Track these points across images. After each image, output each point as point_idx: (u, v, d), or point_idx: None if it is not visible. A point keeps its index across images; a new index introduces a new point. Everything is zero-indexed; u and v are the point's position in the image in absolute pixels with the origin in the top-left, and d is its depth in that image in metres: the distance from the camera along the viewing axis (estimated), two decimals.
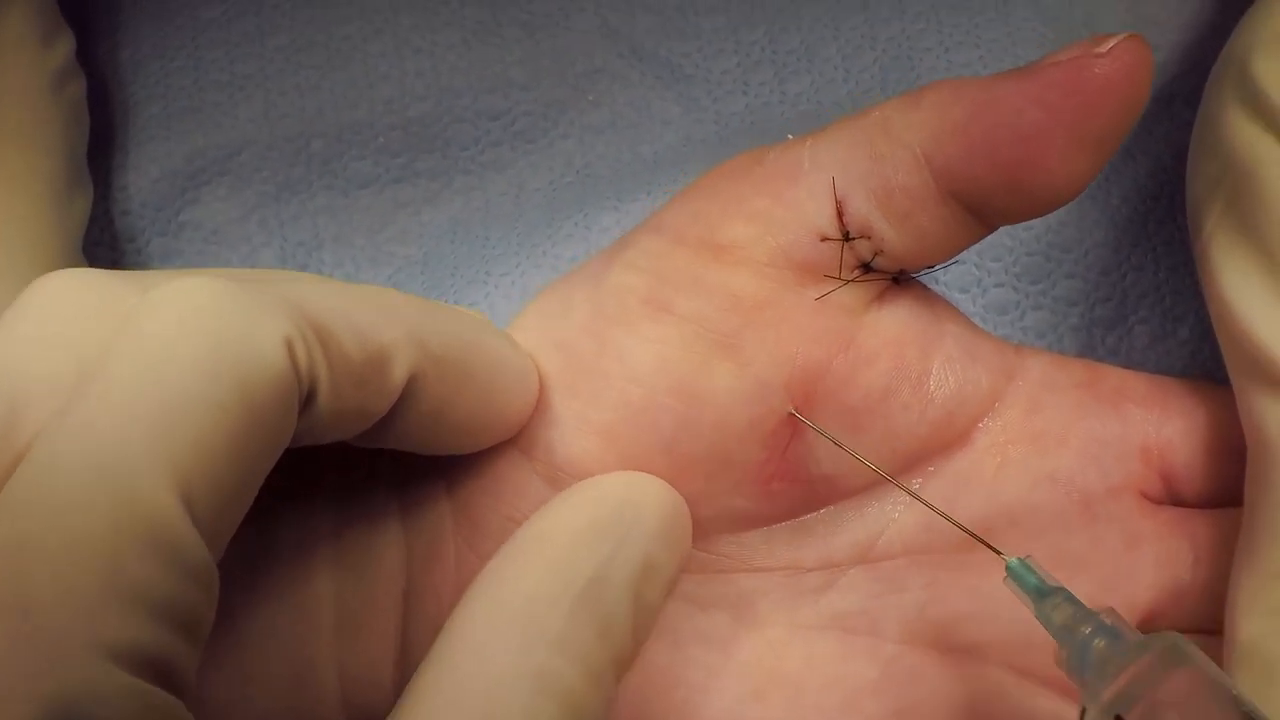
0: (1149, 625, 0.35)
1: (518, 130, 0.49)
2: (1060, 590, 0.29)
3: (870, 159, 0.31)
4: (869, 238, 0.32)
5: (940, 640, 0.34)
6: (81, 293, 0.26)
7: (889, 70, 0.48)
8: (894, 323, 0.33)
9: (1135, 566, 0.35)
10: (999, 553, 0.30)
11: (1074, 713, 0.34)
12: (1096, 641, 0.28)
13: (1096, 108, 0.30)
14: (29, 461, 0.24)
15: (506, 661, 0.27)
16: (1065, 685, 0.34)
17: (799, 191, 0.32)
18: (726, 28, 0.49)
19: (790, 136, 0.35)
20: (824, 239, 0.32)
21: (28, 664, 0.21)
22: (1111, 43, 0.30)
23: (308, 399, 0.27)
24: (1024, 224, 0.44)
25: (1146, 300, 0.43)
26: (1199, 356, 0.43)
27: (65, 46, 0.45)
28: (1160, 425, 0.35)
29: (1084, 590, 0.33)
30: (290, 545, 0.33)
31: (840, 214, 0.31)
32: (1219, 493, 0.36)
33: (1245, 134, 0.34)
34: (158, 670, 0.23)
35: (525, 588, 0.29)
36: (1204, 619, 0.35)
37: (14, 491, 0.23)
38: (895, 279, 0.33)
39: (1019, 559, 0.29)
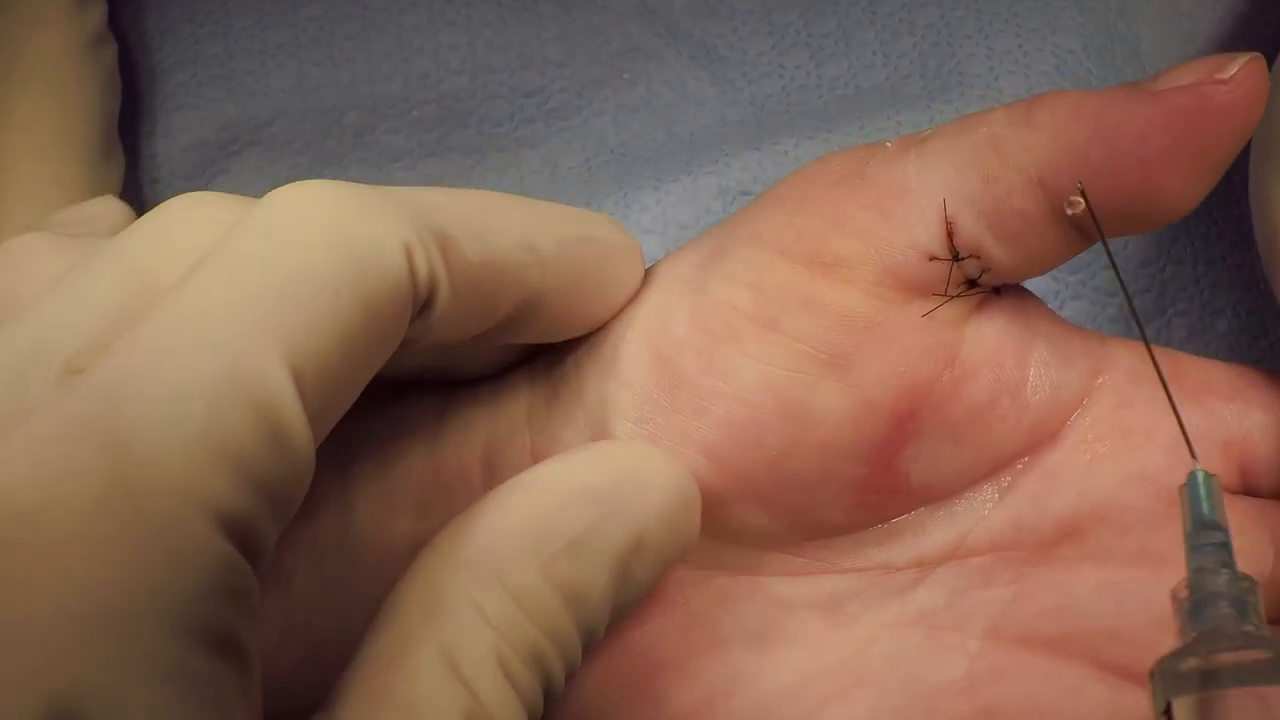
0: None
1: (552, 107, 0.48)
2: (1222, 530, 0.28)
3: (982, 180, 0.31)
4: (978, 257, 0.31)
5: (1026, 635, 0.34)
6: (213, 205, 0.28)
7: (928, 56, 0.48)
8: (993, 332, 0.33)
9: None
10: (1194, 456, 0.30)
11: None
12: (1223, 605, 0.27)
13: (1220, 134, 0.29)
14: (143, 322, 0.24)
15: (470, 606, 0.27)
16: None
17: (907, 211, 0.31)
18: (760, 10, 0.49)
19: (851, 134, 0.35)
20: (932, 258, 0.31)
21: (119, 506, 0.22)
22: (1235, 67, 0.29)
23: (424, 304, 0.27)
24: None
25: (1185, 293, 0.44)
26: (1237, 349, 0.43)
27: (99, 9, 0.44)
28: (1241, 418, 0.35)
29: (1168, 585, 0.34)
30: (380, 426, 0.34)
31: (950, 235, 0.31)
32: None
33: None
34: (240, 535, 0.23)
35: (501, 538, 0.29)
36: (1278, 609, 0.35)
37: (126, 347, 0.24)
38: (996, 290, 0.33)
39: (1206, 472, 0.29)
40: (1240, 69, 0.29)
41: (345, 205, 0.26)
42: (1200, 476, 0.29)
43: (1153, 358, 0.31)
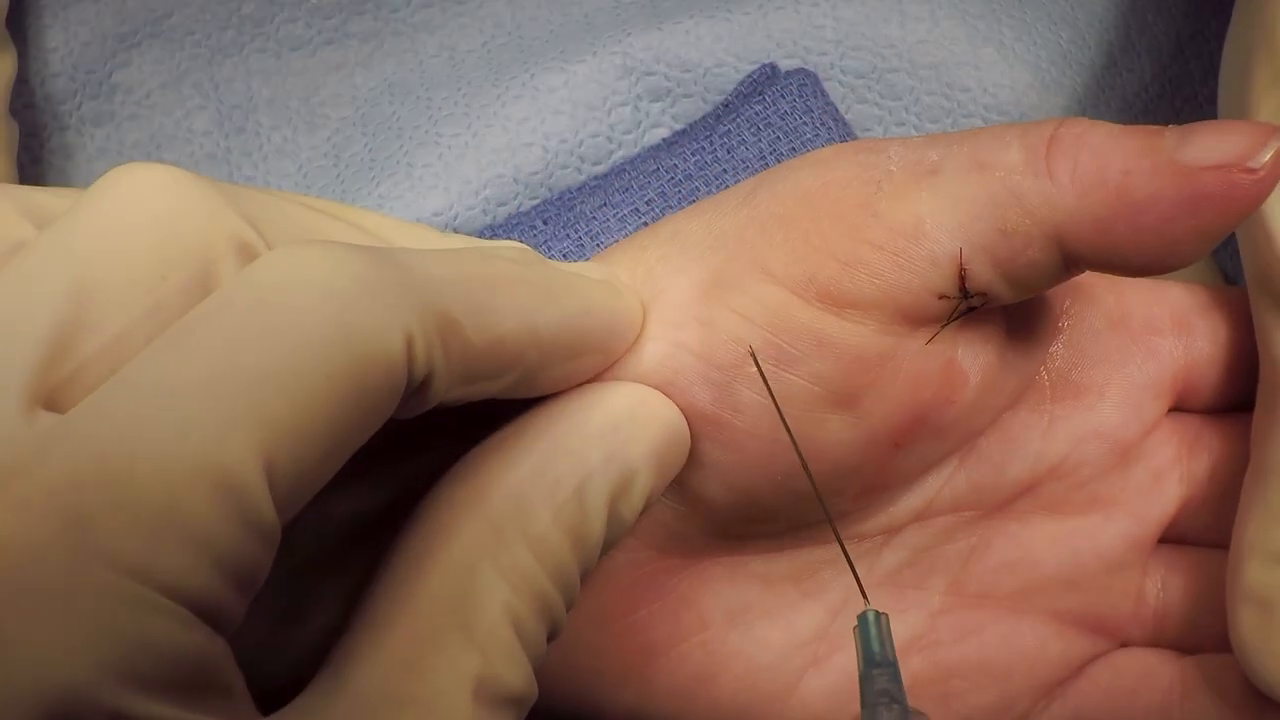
0: (1173, 538, 0.37)
1: None
2: (892, 666, 0.29)
3: (999, 232, 0.30)
4: (985, 294, 0.31)
5: (985, 590, 0.36)
6: (173, 195, 0.26)
7: None
8: (983, 343, 0.33)
9: (1161, 494, 0.36)
10: (866, 600, 0.30)
11: (1115, 656, 0.37)
12: None
13: (1240, 216, 0.29)
14: (119, 381, 0.23)
15: (485, 559, 0.27)
16: (1103, 627, 0.36)
17: (921, 255, 0.31)
18: None
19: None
20: (941, 296, 0.31)
21: (75, 575, 0.21)
22: (1267, 156, 0.29)
23: (419, 386, 0.26)
24: None
25: None
26: None
27: None
28: (1186, 347, 0.37)
29: (1116, 526, 0.36)
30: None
31: (963, 280, 0.31)
32: (1233, 399, 0.37)
33: None
34: (202, 611, 0.23)
35: (512, 482, 0.28)
36: (1220, 533, 0.36)
37: (96, 411, 0.23)
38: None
39: (875, 612, 0.29)
40: (1271, 159, 0.29)
41: (352, 285, 0.25)
42: (871, 617, 0.29)
43: (804, 464, 0.32)
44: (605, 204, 0.46)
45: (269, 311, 0.24)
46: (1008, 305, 0.33)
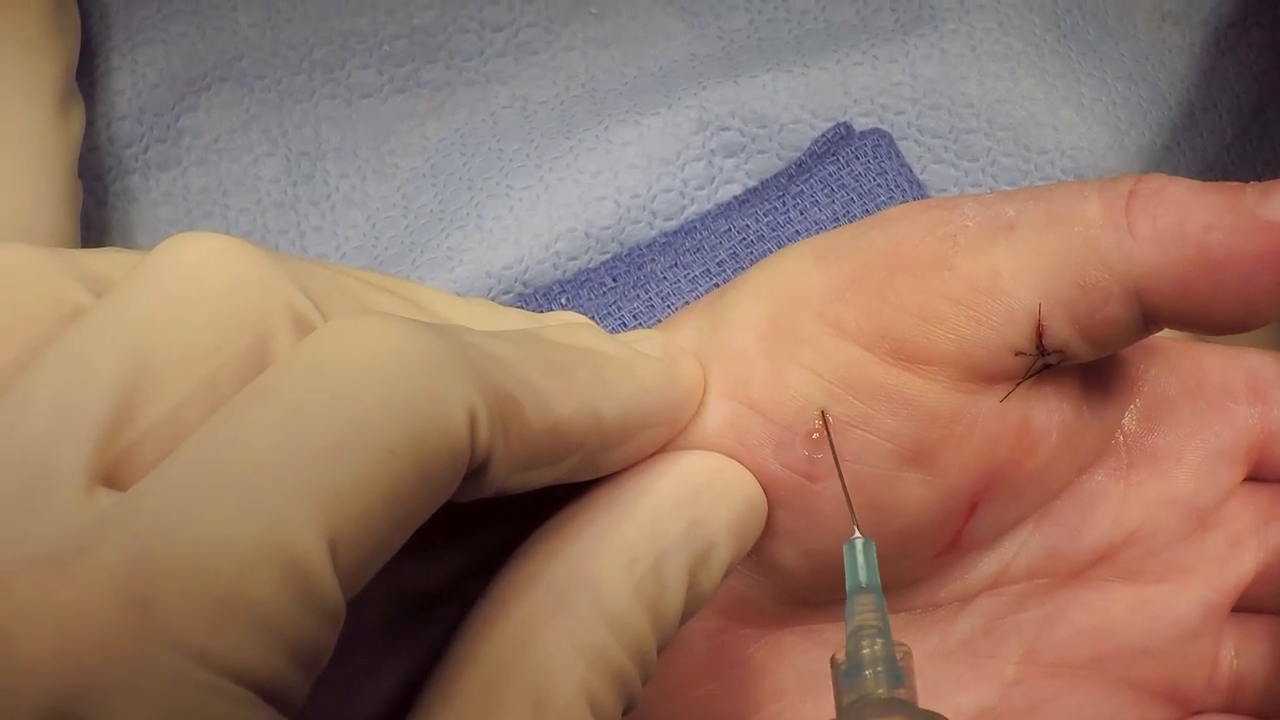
0: (1246, 606, 0.36)
1: (521, 42, 0.48)
2: (878, 595, 0.29)
3: (1078, 287, 0.30)
4: (1063, 352, 0.31)
5: (1060, 659, 0.35)
6: (228, 266, 0.25)
7: None
8: (1058, 401, 0.33)
9: (1237, 562, 0.36)
10: (856, 523, 0.30)
11: None
12: (878, 670, 0.28)
13: None
14: (179, 458, 0.23)
15: (562, 637, 0.27)
16: (1177, 695, 0.36)
17: (998, 311, 0.30)
18: None
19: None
20: (1018, 353, 0.31)
21: (142, 660, 0.21)
22: None
23: (479, 467, 0.26)
24: None
25: None
26: None
27: None
28: (1263, 416, 0.36)
29: (1193, 594, 0.35)
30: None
31: (1040, 337, 0.30)
32: None
33: None
34: (268, 694, 0.22)
35: (591, 560, 0.28)
36: None
37: (158, 491, 0.22)
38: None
39: (865, 539, 0.29)
40: None
41: (414, 360, 0.24)
42: (859, 544, 0.29)
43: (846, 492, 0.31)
44: (676, 264, 0.45)
45: (329, 383, 0.23)
46: (1083, 364, 0.32)
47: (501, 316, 0.31)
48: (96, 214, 0.47)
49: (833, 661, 0.29)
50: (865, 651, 0.28)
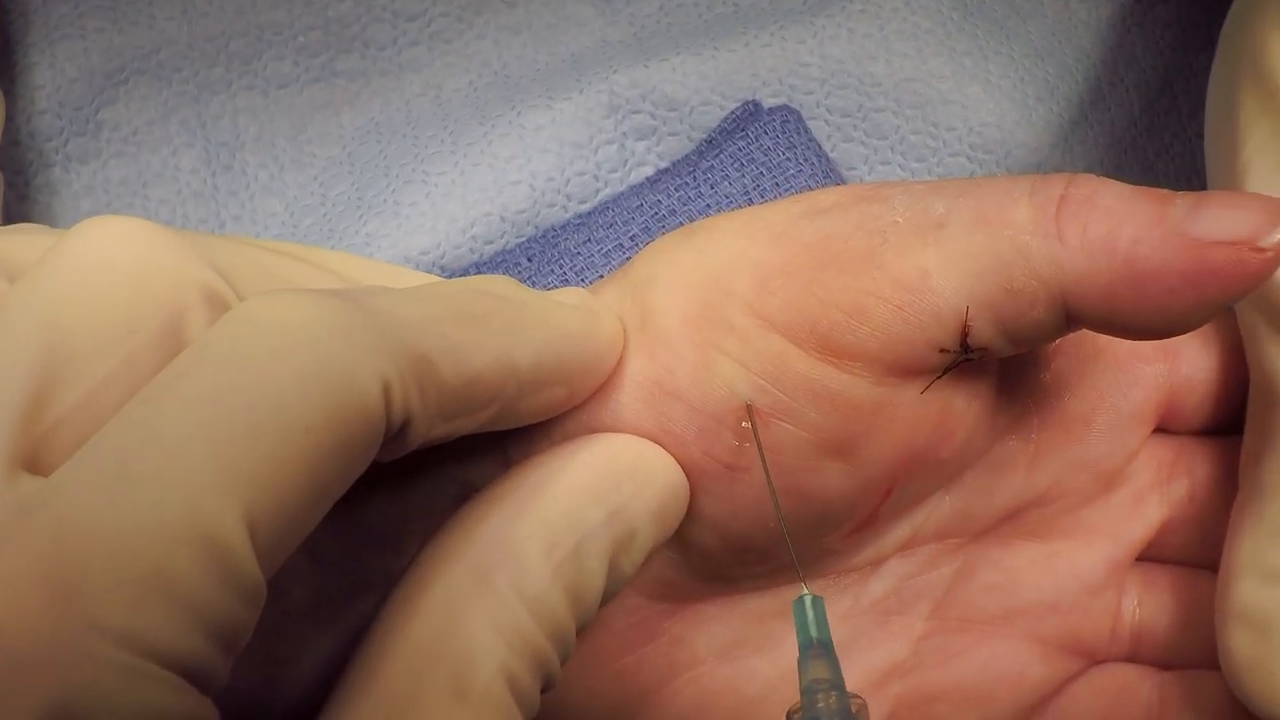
0: (1148, 556, 0.37)
1: (435, 31, 0.49)
2: (829, 649, 0.29)
3: (1005, 292, 0.30)
4: (986, 349, 0.31)
5: (968, 614, 0.36)
6: (141, 247, 0.26)
7: None
8: (977, 389, 0.33)
9: (1141, 516, 0.37)
10: (804, 584, 0.30)
11: (1095, 673, 0.37)
12: None
13: (1243, 293, 0.29)
14: (99, 443, 0.23)
15: (482, 618, 0.27)
16: (1082, 648, 0.37)
17: (924, 311, 0.30)
18: None
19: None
20: (942, 350, 0.31)
21: (64, 644, 0.22)
22: (1278, 235, 0.29)
23: (399, 431, 0.26)
24: None
25: None
26: None
27: None
28: (1172, 372, 0.37)
29: (1097, 551, 0.36)
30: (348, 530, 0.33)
31: (965, 336, 0.31)
32: (1212, 422, 0.37)
33: None
34: (190, 673, 0.23)
35: (513, 541, 0.28)
36: (1195, 553, 0.37)
37: (77, 476, 0.23)
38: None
39: (813, 596, 0.30)
40: None
41: (325, 333, 0.25)
42: (808, 600, 0.30)
43: (775, 501, 0.32)
44: (589, 240, 0.46)
45: (243, 366, 0.24)
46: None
47: (415, 279, 0.31)
48: (18, 207, 0.47)
49: (788, 716, 0.29)
50: (820, 705, 0.29)
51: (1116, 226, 0.30)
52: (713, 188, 0.46)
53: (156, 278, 0.26)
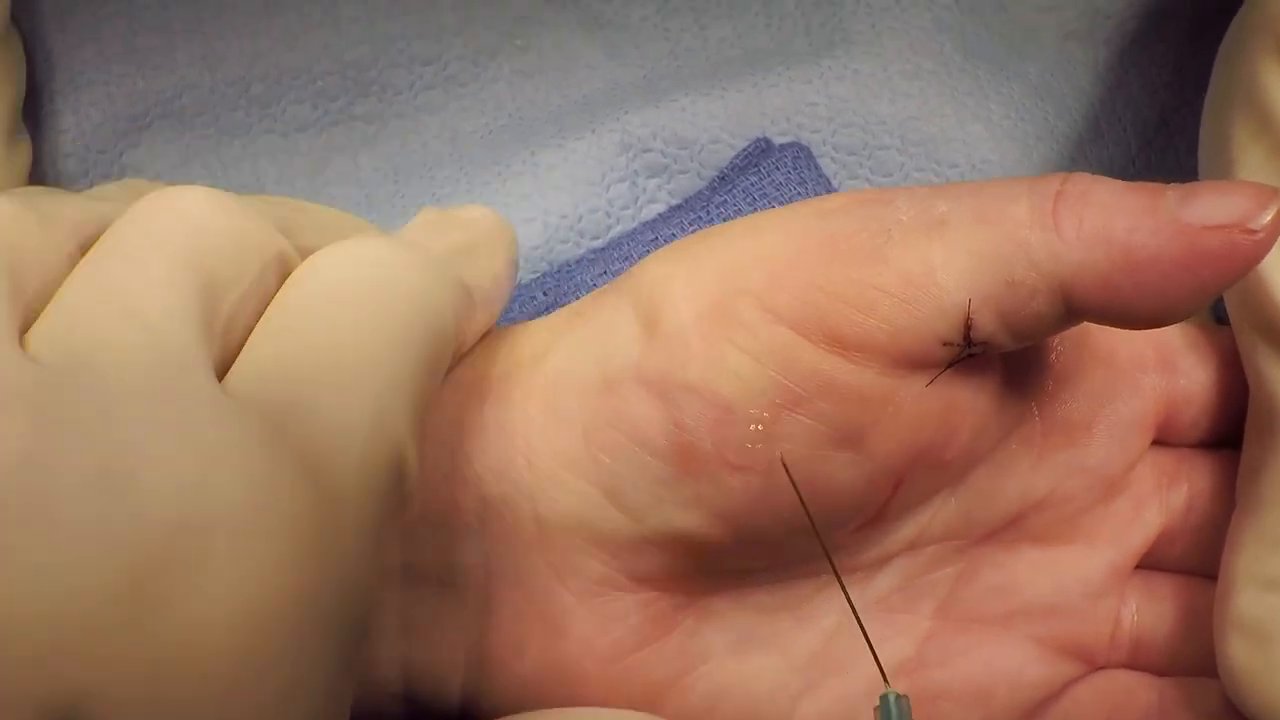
0: (1148, 564, 0.38)
1: (450, 74, 0.50)
2: None
3: (1006, 284, 0.31)
4: (988, 343, 0.32)
5: (971, 615, 0.37)
6: (226, 207, 0.29)
7: (810, 15, 0.50)
8: (984, 385, 0.34)
9: (1141, 523, 0.38)
10: (887, 683, 0.31)
11: (1096, 677, 0.38)
12: None
13: (1238, 275, 0.30)
14: (271, 360, 0.27)
15: None
16: (1082, 652, 0.38)
17: (929, 304, 0.31)
18: None
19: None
20: (945, 344, 0.32)
21: (307, 517, 0.25)
22: (1268, 218, 0.30)
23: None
24: None
25: None
26: None
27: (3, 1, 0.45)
28: (1170, 384, 0.38)
29: (1099, 556, 0.37)
30: None
31: (968, 330, 0.32)
32: (1211, 434, 0.38)
33: None
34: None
35: None
36: (1194, 562, 0.38)
37: (281, 357, 0.27)
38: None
39: (897, 694, 0.30)
40: (1271, 221, 0.30)
41: (416, 274, 0.30)
42: (892, 698, 0.30)
43: (848, 598, 0.33)
44: (605, 273, 0.47)
45: (367, 301, 0.28)
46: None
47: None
48: None
49: None
50: None
51: (1111, 218, 0.31)
52: (725, 221, 0.47)
53: (249, 237, 0.29)
